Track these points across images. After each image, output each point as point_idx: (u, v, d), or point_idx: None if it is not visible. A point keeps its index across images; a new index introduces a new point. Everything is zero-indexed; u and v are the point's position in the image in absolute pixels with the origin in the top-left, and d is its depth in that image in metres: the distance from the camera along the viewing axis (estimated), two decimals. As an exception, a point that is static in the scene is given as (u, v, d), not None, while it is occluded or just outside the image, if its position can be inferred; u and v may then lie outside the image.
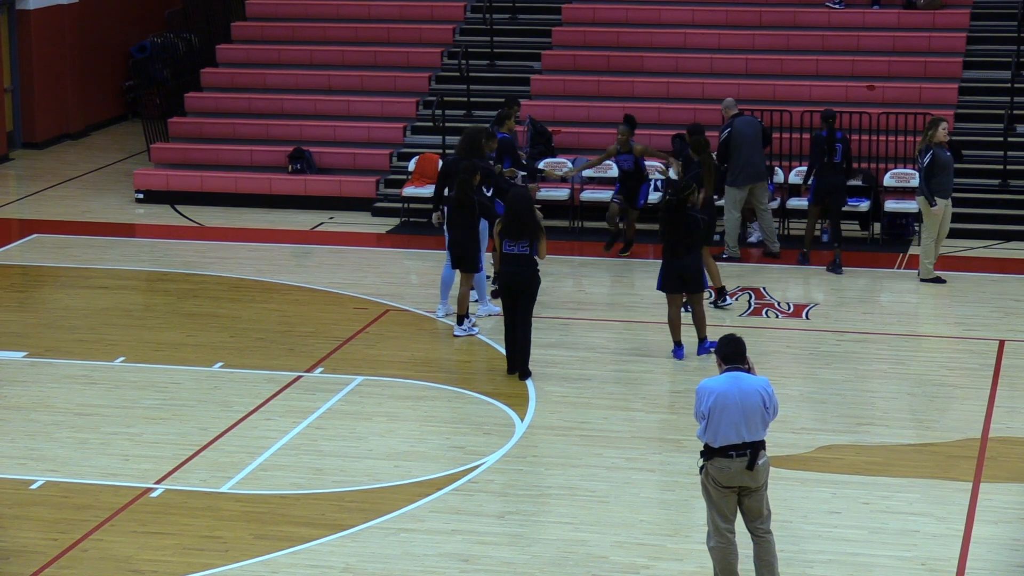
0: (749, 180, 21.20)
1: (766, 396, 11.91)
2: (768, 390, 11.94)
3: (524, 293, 17.00)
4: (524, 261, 16.94)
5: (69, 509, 13.94)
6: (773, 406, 11.95)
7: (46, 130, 29.27)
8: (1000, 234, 22.50)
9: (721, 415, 11.82)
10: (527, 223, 16.88)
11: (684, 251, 17.41)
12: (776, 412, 12.01)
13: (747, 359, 12.07)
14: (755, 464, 11.82)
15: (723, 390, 11.86)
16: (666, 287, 17.56)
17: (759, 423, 11.86)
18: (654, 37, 26.11)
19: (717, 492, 11.91)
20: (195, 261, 21.87)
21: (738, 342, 12.08)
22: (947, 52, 25.15)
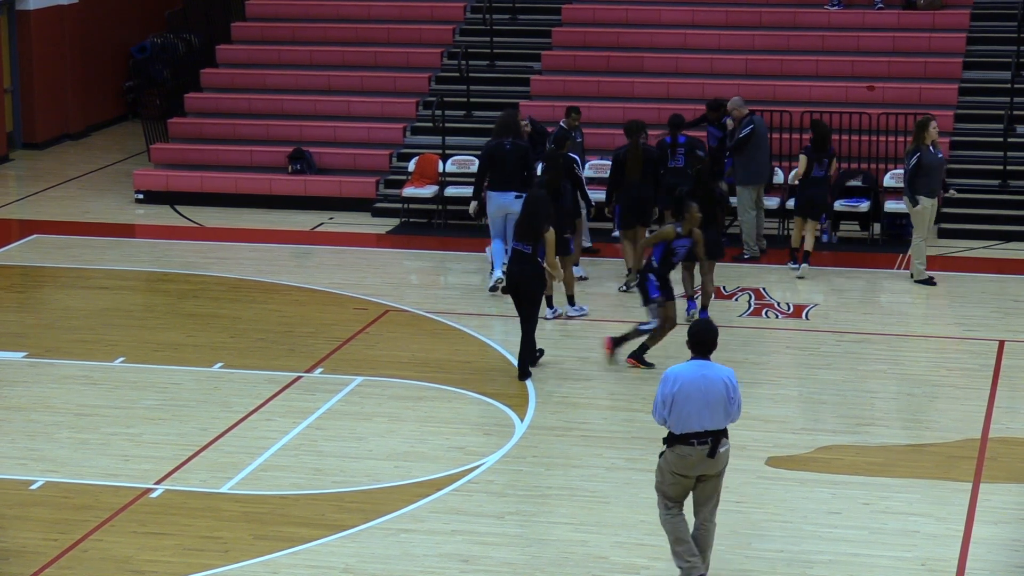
0: (763, 179, 21.34)
1: (731, 387, 11.97)
2: (732, 381, 11.98)
3: (524, 292, 17.10)
4: (527, 260, 17.06)
5: (69, 509, 13.94)
6: (737, 400, 12.00)
7: (46, 130, 29.28)
8: (1000, 234, 22.51)
9: (685, 402, 11.91)
10: (535, 225, 17.00)
11: (704, 224, 17.92)
12: (739, 407, 12.03)
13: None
14: (716, 452, 11.97)
15: (689, 378, 11.95)
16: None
17: (721, 413, 11.96)
18: (654, 37, 26.12)
19: (672, 478, 12.08)
20: (195, 261, 21.88)
21: (706, 332, 12.14)
22: (947, 52, 25.16)
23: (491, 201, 19.87)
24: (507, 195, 19.72)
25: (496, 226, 19.97)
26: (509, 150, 19.81)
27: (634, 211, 20.15)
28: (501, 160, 19.76)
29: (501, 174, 19.75)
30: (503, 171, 19.74)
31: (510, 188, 19.69)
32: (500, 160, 19.77)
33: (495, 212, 19.89)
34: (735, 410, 12.05)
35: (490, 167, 19.84)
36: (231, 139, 25.75)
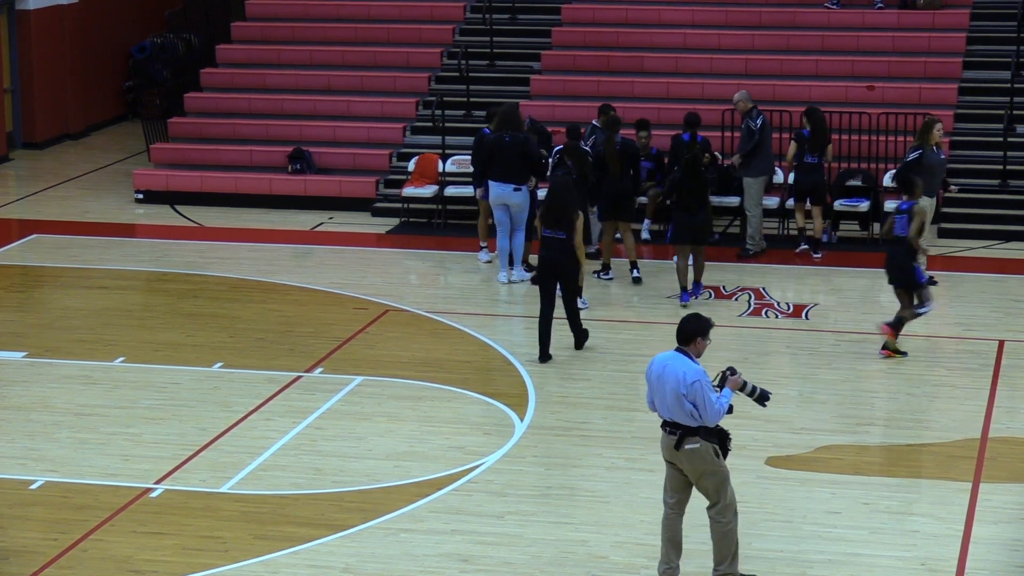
0: (769, 172, 21.39)
1: (683, 385, 11.96)
2: (687, 381, 11.94)
3: (562, 276, 17.63)
4: (560, 246, 17.55)
5: (69, 509, 13.94)
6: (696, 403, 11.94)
7: (46, 130, 29.27)
8: (1000, 234, 22.50)
9: (651, 388, 12.23)
10: (565, 210, 17.48)
11: (697, 207, 19.18)
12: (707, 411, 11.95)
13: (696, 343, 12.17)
14: (681, 446, 12.08)
15: (655, 365, 12.18)
16: (677, 239, 19.25)
17: (677, 408, 12.03)
18: (654, 37, 26.11)
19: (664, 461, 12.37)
20: (195, 261, 21.87)
21: (685, 322, 12.21)
22: (947, 52, 25.15)
23: (491, 191, 20.54)
24: (506, 187, 20.32)
25: (498, 215, 20.55)
26: (509, 143, 20.32)
27: (612, 205, 20.44)
28: (502, 153, 20.30)
29: (501, 167, 20.32)
30: (503, 164, 20.29)
31: (509, 180, 20.25)
32: (501, 153, 20.28)
33: (495, 200, 20.52)
34: (699, 413, 11.96)
35: (490, 160, 20.35)
36: (231, 139, 25.74)
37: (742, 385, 12.15)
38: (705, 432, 12.07)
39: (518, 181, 20.22)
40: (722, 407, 12.05)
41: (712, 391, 12.03)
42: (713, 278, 20.56)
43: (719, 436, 12.17)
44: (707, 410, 12.00)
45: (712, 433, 12.12)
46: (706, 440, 12.09)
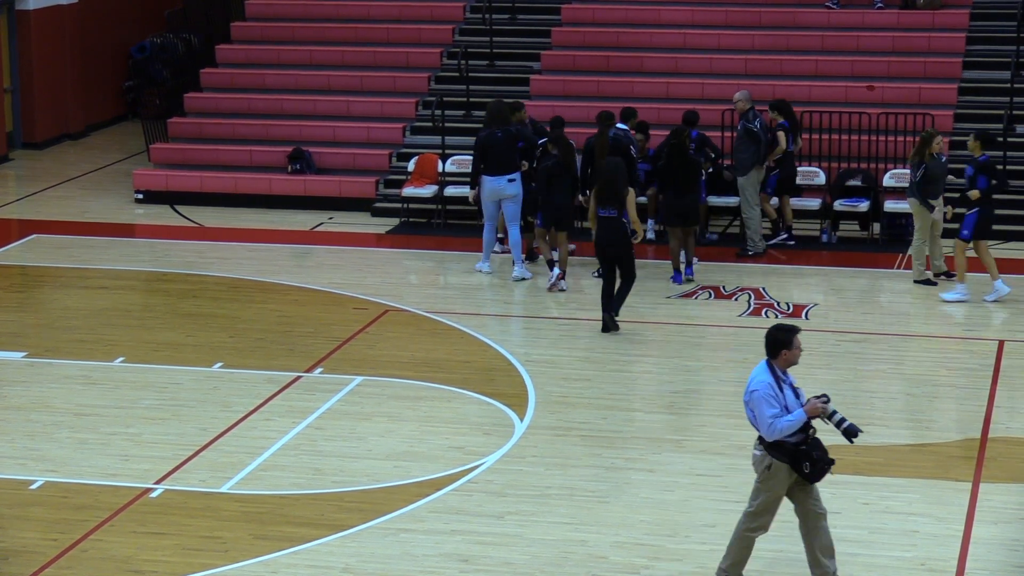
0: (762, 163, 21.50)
1: (746, 395, 12.02)
2: (749, 388, 11.97)
3: (619, 252, 18.40)
4: (614, 224, 18.37)
5: (69, 509, 13.94)
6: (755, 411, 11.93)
7: (46, 130, 29.26)
8: (1000, 234, 22.48)
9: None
10: (617, 189, 18.30)
11: (686, 190, 20.24)
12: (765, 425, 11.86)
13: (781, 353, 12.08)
14: (753, 454, 12.07)
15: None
16: (667, 222, 20.19)
17: (750, 415, 12.01)
18: (654, 37, 26.11)
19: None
20: (195, 261, 21.87)
21: (772, 333, 12.15)
22: (947, 52, 25.15)
23: (485, 186, 20.73)
24: (500, 179, 20.70)
25: (490, 209, 20.82)
26: (501, 138, 20.70)
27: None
28: (494, 148, 20.68)
29: (495, 161, 20.68)
30: (496, 158, 20.66)
31: (503, 172, 20.62)
32: (493, 148, 20.67)
33: (489, 196, 20.77)
34: (758, 423, 11.90)
35: (484, 156, 20.67)
36: (231, 139, 25.74)
37: (830, 414, 11.87)
38: (770, 445, 11.90)
39: (513, 172, 20.69)
40: (777, 425, 11.81)
41: (770, 406, 11.82)
42: (713, 278, 20.58)
43: (791, 456, 11.89)
44: (760, 423, 11.89)
45: (780, 450, 11.89)
46: (769, 453, 11.92)
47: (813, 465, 11.88)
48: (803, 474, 11.90)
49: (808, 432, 11.94)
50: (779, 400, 11.89)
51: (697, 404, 16.60)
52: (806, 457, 11.88)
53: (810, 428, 11.95)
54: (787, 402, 11.92)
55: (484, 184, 20.76)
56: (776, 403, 11.87)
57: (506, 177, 20.63)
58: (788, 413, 11.85)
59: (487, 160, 20.71)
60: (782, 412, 11.86)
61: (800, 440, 11.91)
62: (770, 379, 11.93)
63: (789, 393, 11.97)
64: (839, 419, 11.96)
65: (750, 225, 21.60)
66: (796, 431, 11.87)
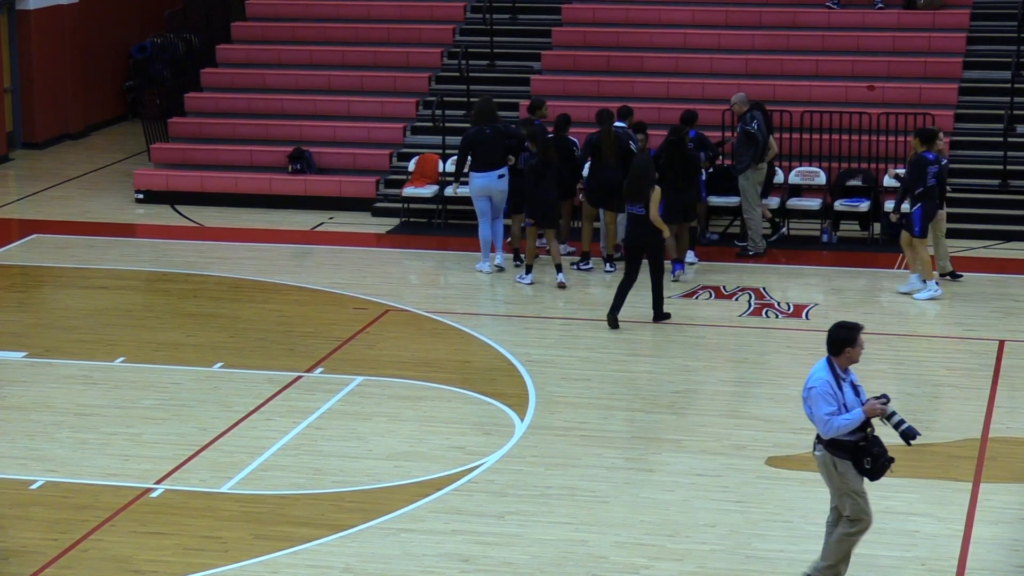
0: (764, 159, 21.46)
1: (804, 391, 11.92)
2: (806, 386, 11.87)
3: (647, 247, 18.65)
4: (640, 220, 18.60)
5: (69, 509, 13.94)
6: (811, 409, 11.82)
7: (46, 130, 29.27)
8: (1000, 234, 22.51)
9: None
10: (643, 186, 18.49)
11: (685, 186, 20.33)
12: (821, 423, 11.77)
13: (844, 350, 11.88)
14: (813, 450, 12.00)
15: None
16: (667, 218, 19.53)
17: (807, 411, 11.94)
18: (654, 37, 26.11)
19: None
20: (195, 261, 21.87)
21: (834, 330, 11.94)
22: (947, 52, 25.15)
23: (474, 182, 20.97)
24: (490, 175, 20.90)
25: (482, 206, 20.98)
26: (489, 135, 20.92)
27: (603, 193, 20.86)
28: (483, 145, 20.89)
29: (483, 157, 20.89)
30: (485, 155, 20.87)
31: (492, 168, 20.88)
32: (481, 145, 20.88)
33: (479, 192, 20.96)
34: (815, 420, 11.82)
35: (473, 153, 20.90)
36: (231, 139, 25.74)
37: (888, 415, 11.78)
38: (830, 443, 11.83)
39: (501, 167, 20.89)
40: (834, 423, 11.70)
41: (827, 403, 11.71)
42: (713, 278, 20.59)
43: (852, 453, 11.85)
44: (816, 420, 11.81)
45: (840, 448, 11.82)
46: (830, 451, 11.86)
47: (874, 461, 11.83)
48: (864, 470, 11.83)
49: (867, 431, 11.83)
50: (837, 398, 11.77)
51: (697, 404, 16.61)
52: (866, 453, 11.82)
53: (868, 427, 11.84)
54: (846, 400, 11.80)
55: (473, 181, 20.95)
56: (834, 401, 11.75)
57: (495, 173, 20.84)
58: (846, 411, 11.75)
59: (475, 156, 20.89)
60: (840, 410, 11.75)
61: (859, 438, 11.82)
62: (828, 376, 11.81)
63: (848, 391, 11.85)
64: (897, 420, 11.86)
65: (751, 225, 21.61)
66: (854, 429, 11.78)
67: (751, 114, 21.48)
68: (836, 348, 11.87)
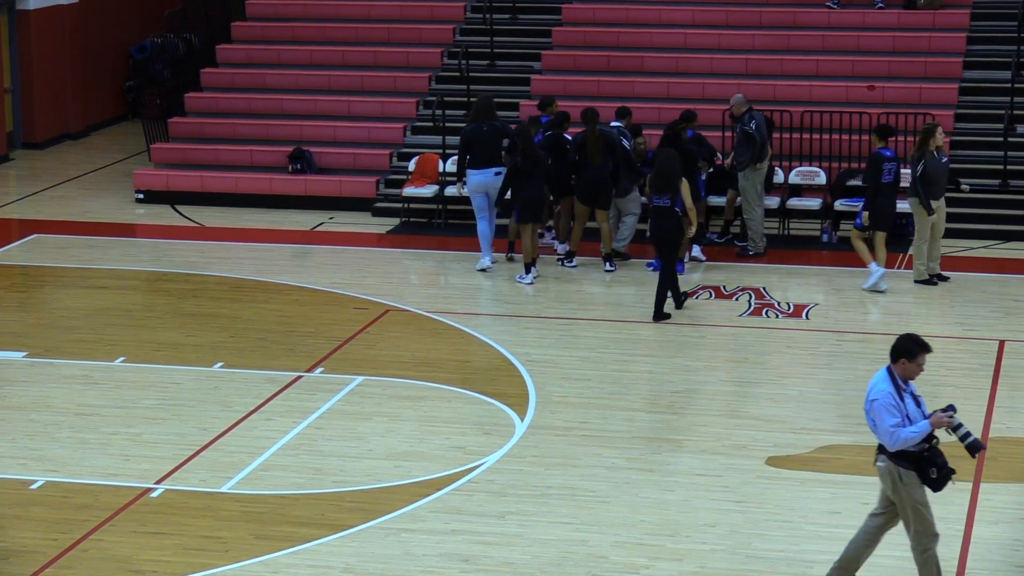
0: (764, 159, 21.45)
1: (866, 403, 11.73)
2: (868, 398, 11.68)
3: (667, 241, 18.92)
4: (665, 213, 18.90)
5: (69, 509, 13.94)
6: (875, 421, 11.64)
7: (46, 130, 29.27)
8: (1000, 234, 22.51)
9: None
10: (670, 179, 18.84)
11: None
12: (883, 434, 11.60)
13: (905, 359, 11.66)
14: (875, 462, 11.84)
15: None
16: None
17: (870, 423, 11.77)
18: (654, 37, 26.11)
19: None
20: (195, 261, 21.87)
21: (898, 341, 11.71)
22: (947, 52, 25.15)
23: (471, 179, 21.10)
24: (487, 172, 21.04)
25: (479, 203, 21.12)
26: (487, 132, 21.11)
27: (591, 192, 20.96)
28: (480, 142, 21.03)
29: (481, 154, 21.03)
30: (482, 152, 21.04)
31: (490, 165, 21.01)
32: (479, 142, 21.01)
33: (475, 189, 21.13)
34: (879, 433, 11.63)
35: (470, 149, 21.04)
36: (231, 139, 25.74)
37: (955, 427, 11.56)
38: (893, 454, 11.66)
39: (499, 164, 21.06)
40: (900, 435, 11.51)
41: (891, 415, 11.52)
42: (713, 278, 20.59)
43: (917, 463, 11.64)
44: (880, 432, 11.63)
45: (904, 458, 11.65)
46: (893, 462, 11.69)
47: (939, 471, 11.67)
48: (929, 480, 11.67)
49: (931, 441, 11.67)
50: (900, 409, 11.57)
51: (697, 404, 16.61)
52: (931, 464, 11.65)
53: (933, 437, 11.68)
54: (908, 411, 11.62)
55: (470, 178, 21.08)
56: (897, 412, 11.52)
57: (492, 170, 20.99)
58: (909, 422, 11.58)
59: (473, 154, 21.04)
60: (903, 421, 11.57)
61: (923, 448, 11.66)
62: (890, 388, 11.60)
63: (910, 402, 11.65)
64: (964, 432, 11.66)
65: (751, 225, 21.61)
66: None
67: (749, 114, 21.51)
68: (893, 355, 11.66)
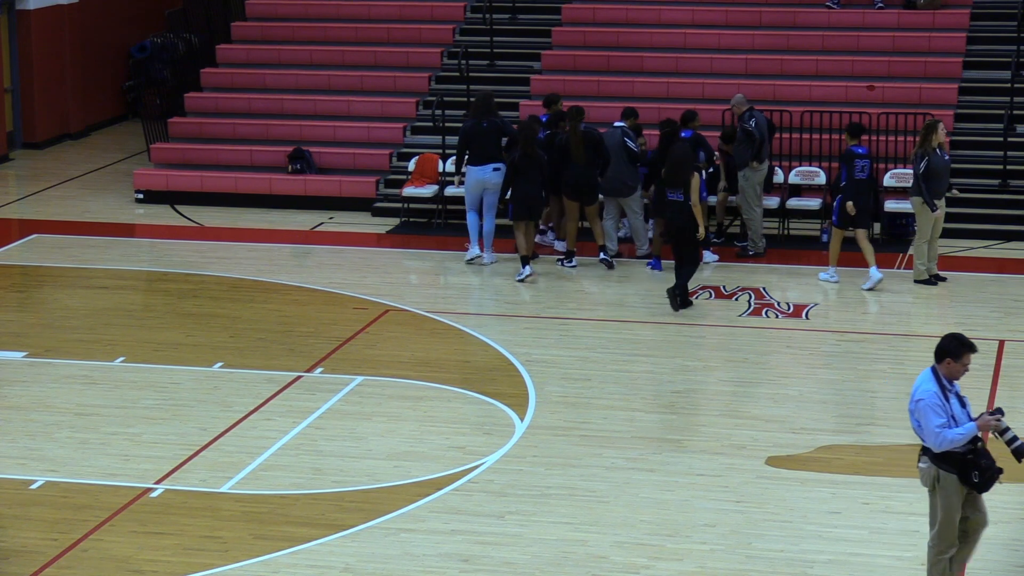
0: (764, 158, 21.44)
1: (911, 403, 11.63)
2: (914, 398, 11.57)
3: (682, 234, 19.21)
4: (679, 207, 19.22)
5: (69, 509, 13.94)
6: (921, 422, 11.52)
7: (46, 130, 29.26)
8: (1000, 234, 22.51)
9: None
10: (681, 174, 19.15)
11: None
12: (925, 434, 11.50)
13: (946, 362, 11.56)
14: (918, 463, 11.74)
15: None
16: (656, 212, 20.54)
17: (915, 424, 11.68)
18: (654, 37, 26.11)
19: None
20: (195, 261, 21.87)
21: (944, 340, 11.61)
22: (947, 52, 25.15)
23: (470, 175, 21.32)
24: (485, 168, 21.23)
25: (472, 198, 21.39)
26: (486, 128, 21.27)
27: (576, 189, 21.12)
28: (478, 138, 21.24)
29: (479, 151, 21.24)
30: (481, 148, 21.24)
31: (488, 162, 21.20)
32: (477, 138, 21.22)
33: (473, 186, 21.32)
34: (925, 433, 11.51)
35: (469, 145, 21.26)
36: (231, 139, 25.74)
37: (1002, 431, 11.48)
38: (937, 456, 11.55)
39: (497, 161, 21.17)
40: (946, 436, 11.39)
41: (937, 415, 11.40)
42: (713, 278, 20.59)
43: (959, 466, 11.52)
44: (926, 432, 11.51)
45: (947, 460, 11.55)
46: (936, 464, 11.59)
47: (982, 474, 11.55)
48: (972, 483, 11.58)
49: (976, 443, 11.57)
50: (945, 409, 11.43)
51: (697, 404, 16.61)
52: (975, 466, 11.53)
53: (978, 439, 11.58)
54: (953, 412, 11.51)
55: (469, 174, 21.29)
56: (943, 412, 11.42)
57: (491, 166, 21.15)
58: (954, 423, 11.47)
59: (471, 150, 21.22)
60: (949, 422, 11.45)
61: (967, 450, 11.55)
62: (935, 388, 11.50)
63: (955, 402, 11.54)
64: (1011, 437, 11.54)
65: (751, 225, 21.61)
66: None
67: (750, 112, 21.53)
68: (938, 355, 11.56)
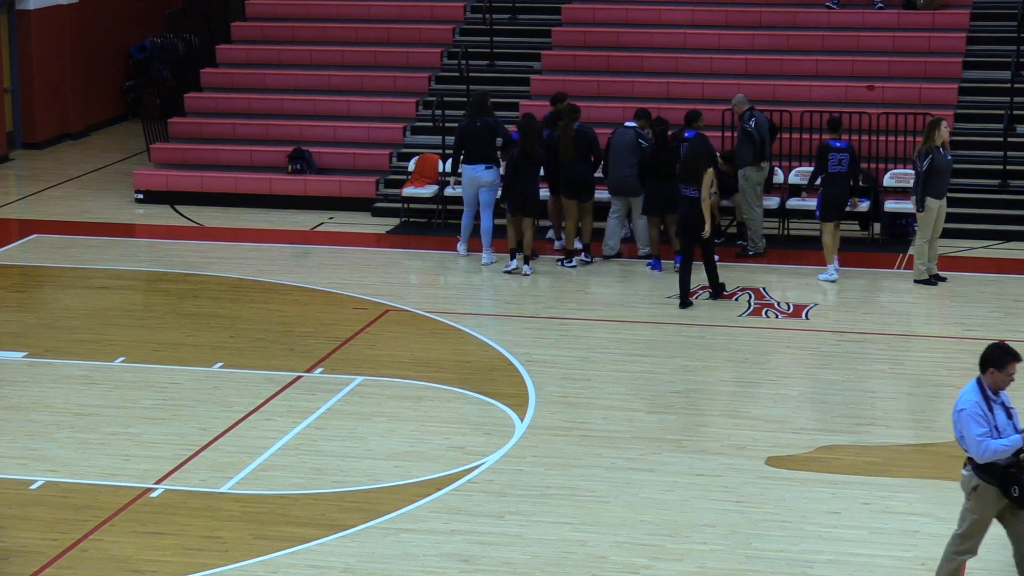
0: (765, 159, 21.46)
1: (954, 413, 11.61)
2: (956, 408, 11.55)
3: (698, 229, 19.34)
4: (693, 203, 19.37)
5: (69, 509, 13.94)
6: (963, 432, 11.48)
7: (46, 130, 29.27)
8: (1000, 234, 22.51)
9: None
10: (695, 170, 19.33)
11: (669, 177, 20.43)
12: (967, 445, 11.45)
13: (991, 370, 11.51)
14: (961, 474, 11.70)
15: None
16: (649, 210, 20.90)
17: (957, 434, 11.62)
18: (654, 37, 26.11)
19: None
20: (195, 261, 21.87)
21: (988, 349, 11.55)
22: (947, 52, 25.15)
23: (464, 174, 21.51)
24: (478, 167, 21.41)
25: (467, 197, 21.58)
26: (479, 127, 21.45)
27: (570, 188, 21.23)
28: (472, 137, 21.41)
29: (473, 150, 21.43)
30: (474, 147, 21.41)
31: (480, 161, 21.39)
32: (472, 137, 21.40)
33: (468, 185, 21.51)
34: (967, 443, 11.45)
35: (463, 144, 21.46)
36: (231, 139, 25.74)
37: None
38: (979, 466, 11.48)
39: (489, 160, 21.35)
40: (989, 446, 11.31)
41: (978, 424, 11.33)
42: (713, 278, 20.59)
43: (1001, 478, 11.44)
44: (968, 443, 11.45)
45: (989, 472, 11.44)
46: (977, 474, 11.52)
47: (1022, 489, 11.47)
48: (1012, 498, 11.52)
49: (1020, 456, 11.45)
50: (988, 420, 11.37)
51: (697, 404, 16.61)
52: (1015, 481, 11.45)
53: (1022, 452, 11.48)
54: (997, 422, 11.39)
55: (463, 172, 21.47)
56: (985, 422, 11.36)
57: (482, 166, 21.32)
58: (998, 433, 11.40)
59: (467, 149, 21.40)
60: (991, 432, 11.38)
61: (1011, 463, 11.46)
62: (978, 398, 11.45)
63: (1000, 413, 11.47)
64: None
65: (751, 225, 21.61)
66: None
67: (750, 112, 21.54)
68: (982, 365, 11.51)
